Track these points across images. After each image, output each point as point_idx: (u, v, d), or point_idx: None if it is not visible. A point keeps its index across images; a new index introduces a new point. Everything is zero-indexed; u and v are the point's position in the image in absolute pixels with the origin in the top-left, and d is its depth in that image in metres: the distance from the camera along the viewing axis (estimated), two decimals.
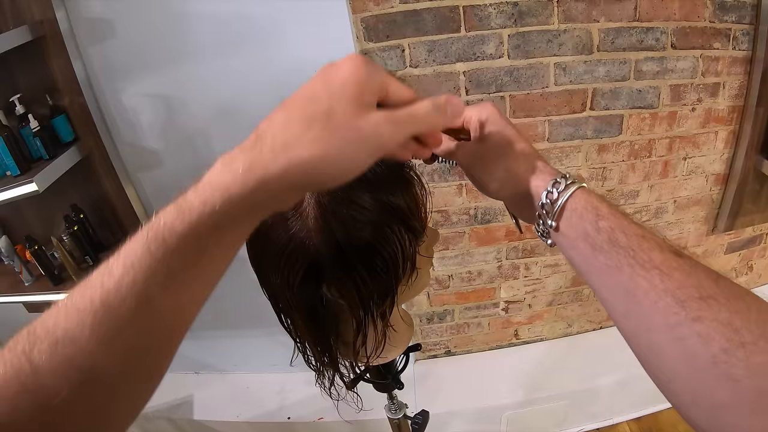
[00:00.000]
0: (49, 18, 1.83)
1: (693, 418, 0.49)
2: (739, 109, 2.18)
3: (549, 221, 0.60)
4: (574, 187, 0.59)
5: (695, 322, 0.46)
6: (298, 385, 2.74)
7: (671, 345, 0.48)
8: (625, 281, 0.52)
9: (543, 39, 1.90)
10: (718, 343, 0.45)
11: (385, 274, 0.76)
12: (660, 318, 0.49)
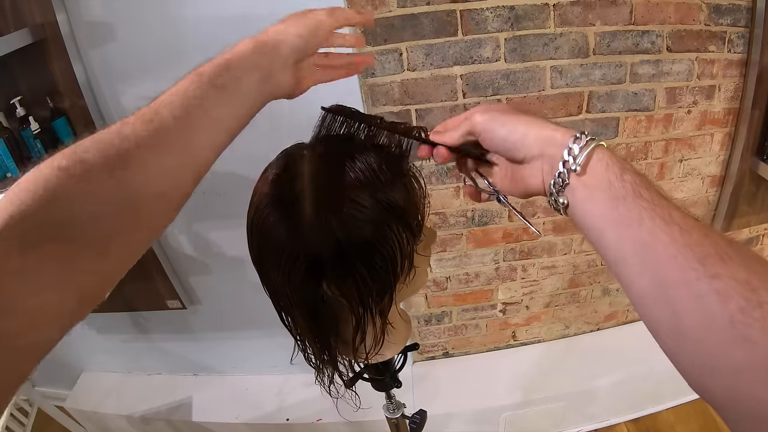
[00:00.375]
0: (50, 21, 1.83)
1: (707, 385, 0.49)
2: (735, 112, 2.19)
3: (574, 166, 0.58)
4: (595, 143, 0.59)
5: (714, 279, 0.46)
6: (297, 386, 2.75)
7: (688, 302, 0.48)
8: (644, 235, 0.52)
9: (539, 43, 1.91)
10: (736, 301, 0.44)
11: (383, 271, 0.77)
12: (678, 273, 0.49)
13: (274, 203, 0.75)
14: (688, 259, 0.48)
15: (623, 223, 0.54)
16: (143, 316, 2.76)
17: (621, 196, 0.55)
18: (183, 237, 2.37)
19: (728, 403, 0.47)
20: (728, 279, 0.46)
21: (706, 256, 0.47)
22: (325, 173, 0.74)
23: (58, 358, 3.20)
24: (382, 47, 1.89)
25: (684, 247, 0.49)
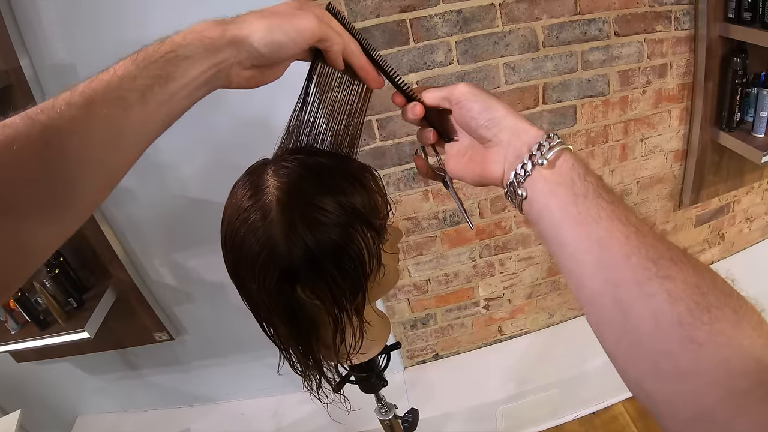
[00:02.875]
0: (13, 67, 1.83)
1: (649, 389, 0.50)
2: (689, 86, 2.24)
3: (541, 159, 0.60)
4: (566, 145, 0.60)
5: (665, 280, 0.47)
6: (292, 405, 2.76)
7: (639, 301, 0.49)
8: (601, 232, 0.53)
9: (489, 42, 1.95)
10: (686, 303, 0.46)
11: (353, 272, 0.81)
12: (631, 273, 0.50)
13: (243, 216, 0.78)
14: (641, 259, 0.50)
15: (582, 220, 0.56)
16: (132, 353, 2.76)
17: (582, 193, 0.56)
18: (163, 268, 2.38)
19: (669, 410, 0.48)
20: (679, 281, 0.47)
21: (660, 258, 0.49)
22: (289, 183, 0.77)
23: (52, 405, 3.19)
24: None
25: (638, 248, 0.51)
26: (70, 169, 0.53)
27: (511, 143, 0.64)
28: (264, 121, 1.94)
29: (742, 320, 0.45)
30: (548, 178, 0.60)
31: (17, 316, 2.35)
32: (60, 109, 0.52)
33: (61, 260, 2.23)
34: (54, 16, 1.78)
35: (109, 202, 2.18)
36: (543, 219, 0.60)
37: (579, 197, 0.56)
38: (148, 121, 0.59)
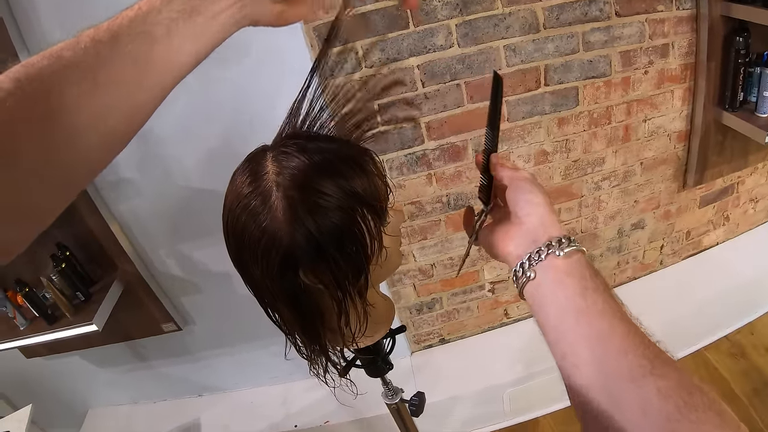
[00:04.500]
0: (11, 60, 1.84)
1: None
2: (692, 66, 2.23)
3: (558, 251, 0.64)
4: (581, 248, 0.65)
5: (659, 378, 0.51)
6: (301, 393, 2.78)
7: (630, 393, 0.51)
8: (604, 326, 0.57)
9: (490, 24, 1.94)
10: (674, 401, 0.49)
11: (355, 254, 0.82)
12: (626, 368, 0.53)
13: (244, 203, 0.78)
14: (638, 357, 0.53)
15: (587, 311, 0.59)
16: (141, 344, 2.78)
17: (592, 287, 0.60)
18: (170, 259, 2.39)
19: None
20: (671, 380, 0.50)
21: (656, 357, 0.53)
22: (288, 168, 0.77)
23: (63, 399, 3.21)
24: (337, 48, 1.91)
25: (637, 346, 0.54)
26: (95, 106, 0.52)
27: (536, 228, 0.68)
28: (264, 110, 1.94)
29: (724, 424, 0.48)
30: (560, 267, 0.63)
31: (25, 312, 2.36)
32: (85, 46, 0.50)
33: (67, 254, 2.25)
34: (52, 9, 1.78)
35: (114, 195, 2.19)
36: (546, 305, 0.63)
37: (588, 290, 0.60)
38: (174, 58, 0.56)
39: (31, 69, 0.48)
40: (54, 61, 0.49)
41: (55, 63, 0.49)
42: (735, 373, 2.66)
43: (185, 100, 1.94)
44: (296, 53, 1.87)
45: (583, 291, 0.60)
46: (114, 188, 2.16)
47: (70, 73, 0.50)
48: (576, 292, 0.60)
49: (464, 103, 2.08)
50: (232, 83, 1.90)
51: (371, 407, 2.46)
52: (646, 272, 2.88)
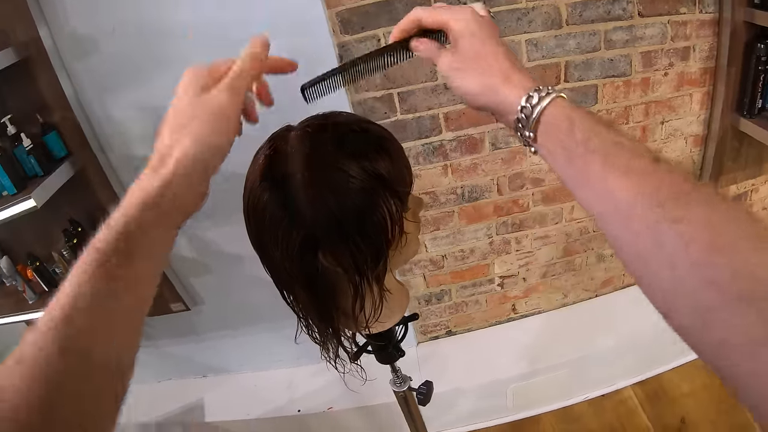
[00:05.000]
0: (33, 38, 1.85)
1: (682, 324, 0.49)
2: (711, 71, 2.22)
3: (527, 132, 0.62)
4: (549, 98, 0.60)
5: (674, 223, 0.47)
6: (306, 378, 2.78)
7: (651, 246, 0.48)
8: (603, 185, 0.53)
9: (512, 18, 1.94)
10: (698, 244, 0.45)
11: (376, 238, 0.81)
12: (638, 220, 0.50)
13: (267, 182, 0.78)
14: (646, 207, 0.49)
15: (581, 178, 0.57)
16: (148, 323, 2.78)
17: (574, 153, 0.57)
18: (182, 239, 2.40)
19: (698, 335, 0.48)
20: (689, 222, 0.46)
21: (666, 201, 0.48)
22: (313, 148, 0.77)
23: None
24: (359, 35, 1.92)
25: (641, 196, 0.50)
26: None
27: (499, 114, 0.68)
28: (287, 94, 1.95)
29: (759, 246, 0.44)
30: (542, 143, 0.62)
31: (35, 286, 2.38)
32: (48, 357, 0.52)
33: (79, 230, 2.25)
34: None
35: (127, 171, 2.20)
36: (556, 173, 0.62)
37: (573, 156, 0.57)
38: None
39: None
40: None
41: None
42: None
43: None
44: (319, 35, 1.88)
45: (569, 161, 0.58)
46: (128, 165, 2.17)
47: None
48: (564, 162, 0.59)
49: None
50: None
51: (375, 395, 2.47)
52: None
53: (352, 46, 1.94)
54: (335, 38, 1.91)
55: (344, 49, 1.95)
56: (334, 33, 1.90)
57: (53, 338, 0.51)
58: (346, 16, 1.88)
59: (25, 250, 2.33)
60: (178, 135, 0.62)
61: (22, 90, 1.98)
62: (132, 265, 0.57)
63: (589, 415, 2.73)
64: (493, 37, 0.69)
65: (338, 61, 1.94)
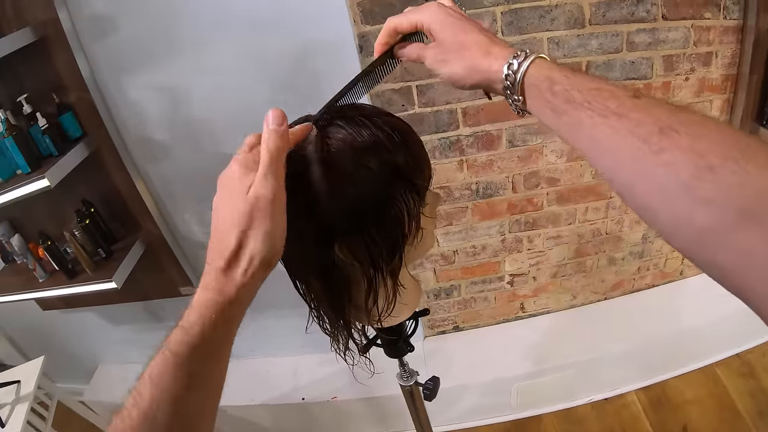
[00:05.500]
0: (51, 18, 1.85)
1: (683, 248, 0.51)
2: (733, 78, 2.20)
3: (516, 96, 0.65)
4: (528, 61, 0.64)
5: (659, 154, 0.48)
6: (312, 366, 2.79)
7: (642, 181, 0.51)
8: (588, 132, 0.56)
9: (535, 15, 1.93)
10: (686, 170, 0.46)
11: (392, 231, 0.80)
12: (626, 158, 0.52)
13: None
14: (631, 143, 0.51)
15: (570, 129, 0.59)
16: (157, 305, 2.80)
17: (559, 108, 0.60)
18: (194, 224, 2.40)
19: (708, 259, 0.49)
20: (674, 150, 0.48)
21: (648, 134, 0.50)
22: (332, 138, 0.76)
23: (75, 353, 3.25)
24: (380, 26, 1.89)
25: (625, 133, 0.52)
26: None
27: (485, 86, 0.71)
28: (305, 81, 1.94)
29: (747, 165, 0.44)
30: (531, 105, 0.65)
31: (46, 265, 2.39)
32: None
33: (92, 211, 2.26)
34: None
35: (142, 154, 2.20)
36: (554, 130, 0.65)
37: (558, 112, 0.60)
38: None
39: None
40: None
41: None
42: (742, 393, 2.64)
43: (223, 67, 1.94)
44: (339, 24, 1.87)
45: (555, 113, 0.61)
46: (143, 147, 2.18)
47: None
48: (553, 118, 0.61)
49: None
50: (273, 51, 1.90)
51: (380, 387, 2.47)
52: (665, 281, 2.86)
53: (372, 36, 1.92)
54: (356, 28, 1.90)
55: (364, 39, 1.94)
56: (355, 23, 1.89)
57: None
58: (368, 6, 1.87)
59: (37, 229, 2.35)
60: (242, 235, 0.63)
61: (38, 70, 1.98)
62: (207, 364, 0.63)
63: (591, 417, 2.73)
64: (463, 20, 0.72)
65: (358, 50, 1.93)
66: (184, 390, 0.60)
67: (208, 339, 0.61)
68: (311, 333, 0.98)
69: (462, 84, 0.72)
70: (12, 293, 2.48)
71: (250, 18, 1.84)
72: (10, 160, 1.98)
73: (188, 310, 0.62)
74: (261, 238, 0.63)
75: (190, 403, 0.61)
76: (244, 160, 0.66)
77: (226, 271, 0.63)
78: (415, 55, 0.77)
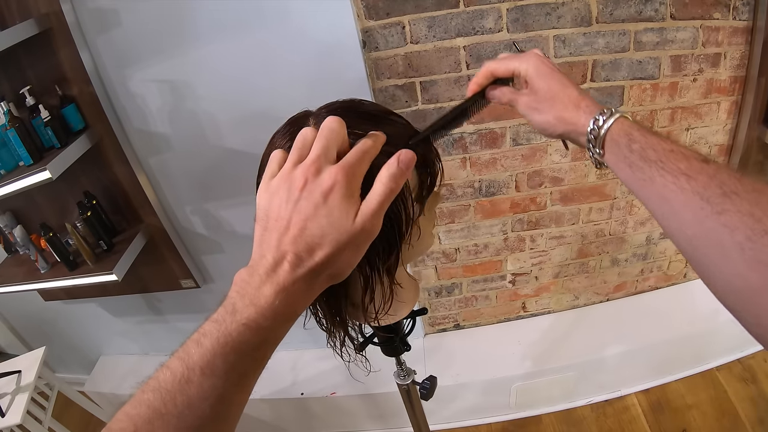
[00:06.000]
0: (55, 10, 1.85)
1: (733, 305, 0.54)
2: (741, 80, 2.17)
3: (597, 150, 0.71)
4: (612, 119, 0.69)
5: (720, 215, 0.52)
6: (311, 361, 2.79)
7: (703, 238, 0.55)
8: (659, 189, 0.61)
9: (541, 12, 1.91)
10: (743, 231, 0.50)
11: (389, 230, 0.78)
12: (690, 215, 0.56)
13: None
14: (696, 202, 0.55)
15: (642, 185, 0.64)
16: (158, 298, 2.80)
17: (634, 164, 0.65)
18: (195, 217, 2.40)
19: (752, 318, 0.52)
20: (734, 213, 0.52)
21: (712, 196, 0.54)
22: None
23: (76, 344, 3.26)
24: (384, 21, 1.89)
25: (691, 193, 0.56)
26: None
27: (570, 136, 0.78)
28: (308, 76, 1.93)
29: None
30: (609, 158, 0.71)
31: (47, 256, 2.40)
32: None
33: (93, 203, 2.26)
34: None
35: (144, 146, 2.20)
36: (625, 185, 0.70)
37: (633, 168, 0.65)
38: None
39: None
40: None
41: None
42: (743, 398, 2.63)
43: (226, 59, 1.94)
44: (343, 18, 1.85)
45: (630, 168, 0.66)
46: (145, 139, 2.17)
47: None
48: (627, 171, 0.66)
49: None
50: (276, 45, 1.89)
51: (379, 384, 2.47)
52: (668, 283, 2.85)
53: (376, 32, 1.91)
54: (359, 23, 1.89)
55: (368, 35, 1.93)
56: (359, 18, 1.88)
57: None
58: (372, 1, 1.86)
59: (39, 220, 2.34)
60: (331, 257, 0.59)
61: (42, 62, 1.98)
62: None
63: (590, 419, 2.72)
64: (557, 73, 0.78)
65: (361, 45, 1.92)
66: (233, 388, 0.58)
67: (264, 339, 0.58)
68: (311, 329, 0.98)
69: (550, 132, 0.79)
70: (14, 284, 2.48)
71: (254, 11, 1.83)
72: (12, 152, 1.98)
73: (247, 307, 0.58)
74: (345, 267, 0.62)
75: (234, 400, 0.59)
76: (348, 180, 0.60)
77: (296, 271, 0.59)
78: (507, 99, 0.83)
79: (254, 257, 0.61)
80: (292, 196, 0.59)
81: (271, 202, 0.61)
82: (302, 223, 0.58)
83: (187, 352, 0.56)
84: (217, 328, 0.56)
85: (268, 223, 0.60)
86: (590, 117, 0.72)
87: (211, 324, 0.57)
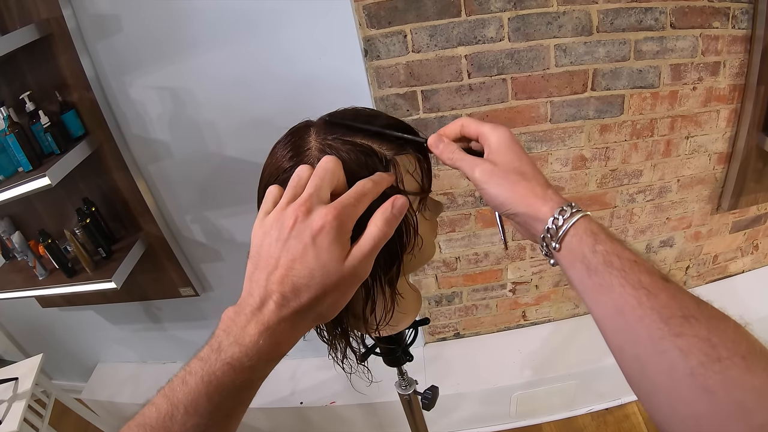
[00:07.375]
0: (55, 16, 1.85)
1: (673, 430, 0.52)
2: (740, 88, 2.18)
3: (553, 243, 0.65)
4: (579, 215, 0.64)
5: (677, 338, 0.50)
6: (310, 370, 2.78)
7: (654, 358, 0.52)
8: (615, 299, 0.57)
9: (542, 21, 1.91)
10: (696, 357, 0.48)
11: (390, 241, 0.78)
12: (645, 332, 0.53)
13: (283, 177, 0.75)
14: (653, 321, 0.53)
15: (597, 290, 0.59)
16: (156, 306, 2.80)
17: (593, 267, 0.60)
18: (194, 225, 2.40)
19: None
20: (690, 337, 0.50)
21: (671, 317, 0.52)
22: (332, 146, 0.75)
23: (74, 351, 3.25)
24: (386, 30, 1.90)
25: (650, 310, 0.54)
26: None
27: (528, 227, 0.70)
28: (309, 84, 1.93)
29: (752, 365, 0.47)
30: (565, 254, 0.64)
31: (45, 263, 2.39)
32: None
33: (93, 210, 2.26)
34: None
35: (144, 154, 2.20)
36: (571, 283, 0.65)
37: (591, 270, 0.60)
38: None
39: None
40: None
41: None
42: None
43: (227, 67, 1.94)
44: (344, 27, 1.86)
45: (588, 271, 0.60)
46: (145, 146, 2.17)
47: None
48: (583, 273, 0.61)
49: (508, 98, 2.06)
50: (277, 53, 1.89)
51: (379, 393, 2.44)
52: None
53: (377, 40, 1.92)
54: (361, 32, 1.89)
55: (369, 43, 1.93)
56: (361, 26, 1.88)
57: None
58: (374, 10, 1.86)
59: (37, 227, 2.34)
60: (317, 300, 0.60)
61: (42, 67, 1.98)
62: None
63: (591, 428, 2.72)
64: (525, 154, 0.72)
65: (363, 54, 1.93)
66: (216, 427, 0.59)
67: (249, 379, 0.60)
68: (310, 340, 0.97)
69: (507, 208, 0.70)
70: (11, 290, 2.47)
71: (254, 19, 1.83)
72: (11, 158, 1.97)
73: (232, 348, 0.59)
74: (331, 308, 0.62)
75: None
76: (340, 222, 0.61)
77: (282, 312, 0.60)
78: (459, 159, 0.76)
79: (243, 295, 0.62)
80: (282, 236, 0.60)
81: (263, 240, 0.62)
82: (290, 263, 0.59)
83: (172, 389, 0.57)
84: (202, 366, 0.58)
85: (259, 261, 0.62)
86: (556, 206, 0.66)
87: (196, 362, 0.59)
